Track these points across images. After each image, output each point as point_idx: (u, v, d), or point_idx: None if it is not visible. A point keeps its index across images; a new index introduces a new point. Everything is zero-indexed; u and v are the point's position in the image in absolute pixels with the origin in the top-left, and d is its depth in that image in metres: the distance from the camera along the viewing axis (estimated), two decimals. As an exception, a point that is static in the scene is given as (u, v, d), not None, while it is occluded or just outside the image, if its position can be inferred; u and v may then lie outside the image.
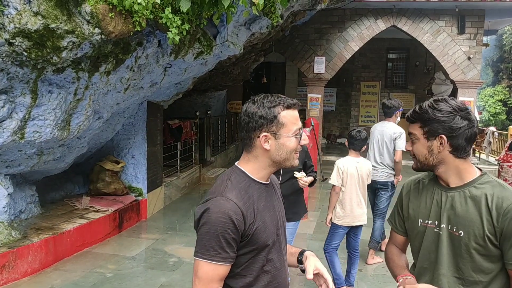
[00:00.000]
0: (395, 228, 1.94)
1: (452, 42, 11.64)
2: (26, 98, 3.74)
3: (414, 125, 1.70)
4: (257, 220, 1.59)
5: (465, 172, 1.68)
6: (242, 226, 1.54)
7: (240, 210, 1.54)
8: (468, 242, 1.61)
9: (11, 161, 4.47)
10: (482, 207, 1.60)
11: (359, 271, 4.80)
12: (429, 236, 1.73)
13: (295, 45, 12.42)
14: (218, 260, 1.52)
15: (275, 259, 1.67)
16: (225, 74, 9.32)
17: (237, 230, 1.53)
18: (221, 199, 1.55)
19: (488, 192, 1.61)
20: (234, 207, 1.53)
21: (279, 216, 1.73)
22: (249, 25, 5.90)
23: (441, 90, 15.01)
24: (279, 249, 1.70)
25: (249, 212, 1.57)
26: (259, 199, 1.63)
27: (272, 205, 1.70)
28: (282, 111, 1.61)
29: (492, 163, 12.25)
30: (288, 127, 1.61)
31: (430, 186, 1.79)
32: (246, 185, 1.62)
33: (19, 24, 3.12)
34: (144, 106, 6.47)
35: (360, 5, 11.40)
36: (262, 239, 1.60)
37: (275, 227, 1.68)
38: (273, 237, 1.65)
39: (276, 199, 1.75)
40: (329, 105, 16.72)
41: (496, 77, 26.73)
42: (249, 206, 1.58)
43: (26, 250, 4.41)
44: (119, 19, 3.50)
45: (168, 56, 4.75)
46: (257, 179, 1.66)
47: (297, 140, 1.63)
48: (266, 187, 1.70)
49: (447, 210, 1.67)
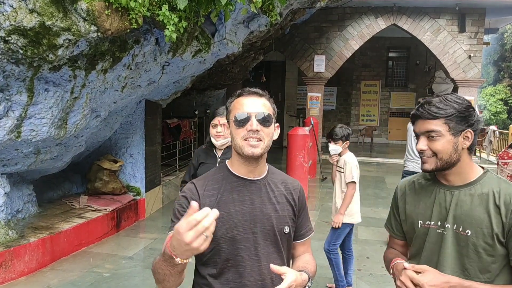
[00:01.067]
0: (393, 233, 1.88)
1: (452, 40, 11.61)
2: (22, 96, 3.70)
3: (436, 121, 1.60)
4: (217, 208, 1.52)
5: (471, 170, 1.66)
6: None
7: (197, 192, 1.64)
8: (476, 241, 1.58)
9: (7, 160, 4.45)
10: (490, 204, 1.58)
11: (358, 270, 4.77)
12: (432, 237, 1.68)
13: (295, 43, 12.38)
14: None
15: (244, 256, 1.61)
16: (224, 72, 9.28)
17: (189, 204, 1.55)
18: (189, 182, 1.71)
19: (495, 189, 1.59)
20: (192, 188, 1.65)
21: (262, 214, 1.64)
22: (247, 23, 5.86)
23: (442, 89, 14.98)
24: (253, 248, 1.63)
25: (208, 199, 1.62)
26: (231, 191, 1.65)
27: (249, 200, 1.64)
28: (235, 99, 1.67)
29: (492, 162, 12.21)
30: (233, 112, 1.65)
31: (428, 186, 1.74)
32: (220, 177, 1.69)
33: (15, 22, 3.09)
34: (142, 105, 6.44)
35: (360, 3, 11.37)
36: (221, 230, 1.57)
37: (250, 223, 1.62)
38: (241, 232, 1.61)
39: (263, 197, 1.67)
40: (329, 104, 16.69)
41: (497, 76, 26.68)
42: (211, 194, 1.64)
43: (23, 250, 4.38)
44: (115, 17, 3.46)
45: (165, 54, 4.72)
46: (235, 173, 1.68)
47: (235, 124, 1.61)
48: (245, 181, 1.67)
49: (452, 210, 1.63)
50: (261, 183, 1.69)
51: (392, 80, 17.05)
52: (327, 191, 8.59)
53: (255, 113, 1.60)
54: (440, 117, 1.60)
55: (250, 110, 1.61)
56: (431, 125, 1.61)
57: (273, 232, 1.67)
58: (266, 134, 1.61)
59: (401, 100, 16.75)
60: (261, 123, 1.60)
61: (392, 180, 9.78)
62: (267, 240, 1.65)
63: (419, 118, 1.64)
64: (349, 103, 17.04)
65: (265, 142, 1.61)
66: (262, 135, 1.60)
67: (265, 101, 1.66)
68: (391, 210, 1.89)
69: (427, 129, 1.62)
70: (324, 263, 4.94)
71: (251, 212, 1.63)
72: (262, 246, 1.64)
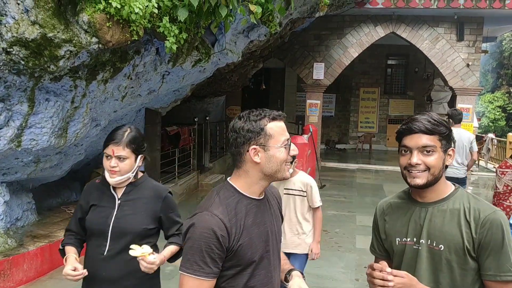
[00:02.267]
0: (376, 254, 1.91)
1: (451, 49, 11.67)
2: (23, 106, 3.73)
3: (433, 137, 1.64)
4: (242, 237, 1.59)
5: (445, 187, 1.72)
6: (226, 242, 1.55)
7: (224, 226, 1.55)
8: (449, 256, 1.62)
9: (7, 168, 4.46)
10: (461, 219, 1.62)
11: (356, 280, 4.78)
12: (408, 253, 1.72)
13: (294, 51, 12.44)
14: (202, 275, 1.53)
15: (262, 274, 1.66)
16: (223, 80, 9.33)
17: (221, 246, 1.54)
18: (207, 214, 1.57)
19: (465, 204, 1.65)
20: (218, 222, 1.54)
21: (271, 232, 1.71)
22: (247, 33, 5.91)
23: (440, 96, 15.05)
24: (267, 265, 1.69)
25: (235, 228, 1.58)
26: (247, 215, 1.63)
27: (262, 221, 1.68)
28: (268, 123, 1.62)
29: (490, 170, 12.25)
30: (276, 138, 1.62)
31: (403, 205, 1.78)
32: (235, 201, 1.63)
33: (17, 33, 3.12)
34: (142, 113, 6.46)
35: (359, 11, 11.43)
36: (247, 256, 1.60)
37: (264, 243, 1.67)
38: (260, 253, 1.65)
39: (269, 215, 1.73)
40: (328, 111, 16.73)
41: (496, 83, 26.79)
42: (235, 222, 1.58)
43: (22, 259, 4.38)
44: (116, 28, 3.50)
45: (166, 64, 4.75)
46: (247, 195, 1.66)
47: (287, 150, 1.63)
48: (257, 202, 1.68)
49: (426, 226, 1.67)
50: (265, 201, 1.74)
51: (391, 87, 17.11)
52: (325, 199, 8.59)
53: (289, 137, 1.68)
54: (436, 134, 1.65)
55: (288, 135, 1.68)
56: (428, 140, 1.64)
57: (278, 245, 1.76)
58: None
59: (399, 107, 16.81)
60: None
61: (390, 188, 9.79)
62: (275, 254, 1.74)
63: (415, 132, 1.66)
64: (348, 110, 17.08)
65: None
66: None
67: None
68: (373, 232, 1.92)
69: (424, 144, 1.64)
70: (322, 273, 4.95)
71: (265, 232, 1.68)
72: (272, 261, 1.71)
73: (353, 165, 12.96)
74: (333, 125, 17.09)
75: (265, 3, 4.48)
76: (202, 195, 8.80)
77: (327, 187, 9.67)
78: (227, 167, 11.94)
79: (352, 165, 13.03)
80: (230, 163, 12.57)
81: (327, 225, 6.81)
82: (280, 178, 1.67)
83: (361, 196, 9.02)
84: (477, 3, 10.74)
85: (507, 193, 6.26)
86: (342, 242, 6.00)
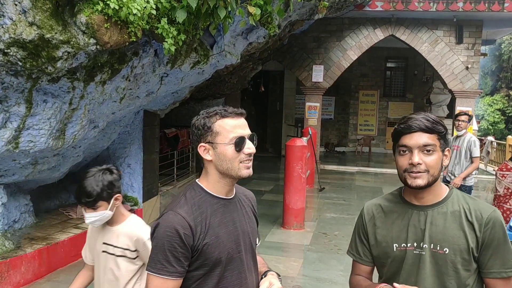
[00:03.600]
0: (360, 259, 1.83)
1: (450, 52, 11.68)
2: (20, 107, 3.71)
3: (433, 136, 1.61)
4: (208, 236, 1.58)
5: (440, 189, 1.69)
6: (190, 240, 1.55)
7: (188, 225, 1.55)
8: (454, 258, 1.60)
9: (5, 170, 4.44)
10: (463, 221, 1.61)
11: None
12: (409, 259, 1.66)
13: (293, 53, 12.45)
14: (165, 274, 1.54)
15: (234, 275, 1.64)
16: (222, 82, 9.32)
17: (184, 245, 1.54)
18: (171, 213, 1.57)
19: (464, 206, 1.63)
20: (182, 221, 1.55)
21: (242, 231, 1.69)
22: (246, 35, 5.90)
23: (440, 99, 15.06)
24: (239, 265, 1.66)
25: (200, 227, 1.57)
26: (214, 214, 1.62)
27: (231, 220, 1.66)
28: (217, 120, 1.61)
29: (490, 173, 12.24)
30: (224, 135, 1.60)
31: (397, 208, 1.73)
32: (200, 200, 1.63)
33: (14, 34, 3.10)
34: (140, 115, 6.45)
35: (358, 14, 11.44)
36: (214, 255, 1.58)
37: (235, 243, 1.65)
38: (229, 253, 1.62)
39: (240, 215, 1.71)
40: (328, 113, 16.72)
41: (495, 86, 26.82)
42: (200, 221, 1.58)
43: (19, 261, 4.36)
44: (114, 30, 3.48)
45: (164, 65, 4.74)
46: (214, 194, 1.66)
47: (236, 148, 1.59)
48: (225, 201, 1.67)
49: (428, 230, 1.63)
50: (235, 200, 1.72)
51: (390, 90, 17.11)
52: (325, 202, 8.60)
53: (247, 135, 1.63)
54: (435, 133, 1.62)
55: (243, 132, 1.62)
56: (428, 138, 1.60)
57: (251, 246, 1.74)
58: (254, 154, 1.66)
59: (399, 110, 16.80)
60: (253, 144, 1.65)
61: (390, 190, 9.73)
62: (248, 255, 1.71)
63: (415, 130, 1.61)
64: (347, 112, 17.07)
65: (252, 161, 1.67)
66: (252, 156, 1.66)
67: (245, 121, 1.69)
68: (357, 235, 1.85)
69: (425, 143, 1.59)
70: (321, 276, 4.94)
71: (235, 231, 1.66)
72: (246, 262, 1.69)
73: (353, 168, 12.95)
74: (332, 128, 17.08)
75: (264, 5, 4.47)
76: (201, 197, 8.76)
77: (326, 190, 9.66)
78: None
79: (352, 168, 13.01)
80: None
81: (327, 228, 6.79)
82: (236, 177, 1.64)
83: (360, 199, 9.00)
84: (476, 6, 10.75)
85: (507, 195, 6.24)
86: (341, 244, 5.98)
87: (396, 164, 1.69)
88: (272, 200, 8.62)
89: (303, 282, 4.73)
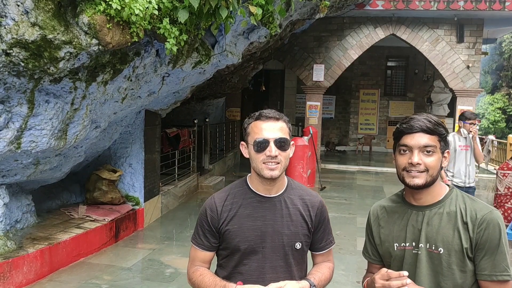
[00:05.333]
0: (371, 259, 1.88)
1: (451, 50, 11.67)
2: (22, 108, 3.71)
3: (434, 137, 1.63)
4: (231, 223, 1.76)
5: (440, 189, 1.70)
6: (215, 223, 1.78)
7: (216, 208, 1.79)
8: (448, 258, 1.61)
9: (7, 170, 4.44)
10: (458, 221, 1.61)
11: (357, 283, 4.76)
12: (408, 258, 1.70)
13: (294, 52, 12.44)
14: (195, 244, 1.85)
15: (252, 266, 1.76)
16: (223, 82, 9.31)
17: (209, 225, 1.79)
18: (211, 196, 1.86)
19: (461, 206, 1.64)
20: (212, 205, 1.80)
21: (273, 230, 1.76)
22: (247, 34, 5.89)
23: (440, 98, 15.05)
24: (261, 260, 1.76)
25: (226, 213, 1.77)
26: (245, 206, 1.77)
27: (262, 216, 1.76)
28: (253, 122, 1.76)
29: (491, 172, 12.23)
30: (252, 136, 1.74)
31: (399, 209, 1.76)
32: (239, 192, 1.81)
33: (17, 35, 3.10)
34: (141, 114, 6.45)
35: (359, 13, 11.43)
36: (234, 242, 1.76)
37: (259, 237, 1.75)
38: (251, 245, 1.75)
39: (277, 215, 1.77)
40: (328, 112, 16.73)
41: (495, 85, 26.79)
42: (229, 208, 1.78)
43: (22, 261, 4.37)
44: (116, 30, 3.48)
45: (166, 65, 4.74)
46: (254, 189, 1.80)
47: (257, 149, 1.70)
48: (262, 198, 1.78)
49: (424, 229, 1.65)
50: (276, 200, 1.79)
51: (391, 89, 17.11)
52: (326, 201, 8.54)
53: (273, 138, 1.70)
54: (436, 134, 1.64)
55: (269, 135, 1.70)
56: (429, 139, 1.62)
57: (283, 247, 1.78)
58: (283, 157, 1.72)
59: (399, 109, 16.80)
60: (279, 147, 1.70)
61: (391, 190, 9.77)
62: (275, 254, 1.77)
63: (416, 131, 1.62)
64: (347, 111, 17.07)
65: (282, 164, 1.73)
66: (280, 159, 1.71)
67: (282, 124, 1.75)
68: (366, 236, 1.90)
69: (426, 143, 1.62)
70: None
71: (262, 227, 1.76)
72: (270, 259, 1.76)
73: (353, 167, 12.95)
74: (333, 127, 17.08)
75: (266, 4, 4.47)
76: (202, 197, 8.78)
77: (327, 189, 9.66)
78: (227, 169, 11.92)
79: (352, 167, 13.01)
80: (230, 165, 12.56)
81: (328, 227, 6.79)
82: (261, 176, 1.73)
83: (361, 198, 9.00)
84: (477, 5, 10.74)
85: (508, 195, 6.24)
86: (342, 244, 5.98)
87: (395, 162, 1.72)
88: (273, 200, 8.61)
89: (305, 282, 4.73)
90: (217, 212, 1.77)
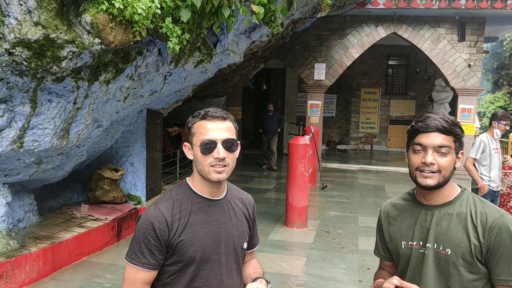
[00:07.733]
0: (381, 256, 1.90)
1: (452, 49, 11.66)
2: (25, 107, 3.72)
3: (449, 137, 1.60)
4: (184, 233, 1.60)
5: (452, 189, 1.68)
6: (165, 235, 1.59)
7: (165, 220, 1.59)
8: (455, 260, 1.59)
9: (9, 170, 4.45)
10: (468, 223, 1.59)
11: (359, 281, 4.76)
12: (415, 257, 1.69)
13: (295, 51, 12.43)
14: (137, 264, 1.59)
15: (209, 276, 1.65)
16: (225, 81, 9.32)
17: (158, 238, 1.58)
18: (152, 207, 1.64)
19: (472, 208, 1.61)
20: (159, 216, 1.59)
21: (226, 234, 1.69)
22: (249, 33, 5.89)
23: (441, 97, 15.02)
24: (217, 267, 1.66)
25: (177, 223, 1.60)
26: (195, 213, 1.64)
27: (215, 221, 1.67)
28: (198, 121, 1.64)
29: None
30: (197, 136, 1.63)
31: (409, 207, 1.75)
32: (184, 198, 1.66)
33: (19, 34, 3.11)
34: (143, 114, 6.45)
35: (360, 12, 11.42)
36: (189, 253, 1.61)
37: (214, 244, 1.65)
38: (206, 253, 1.63)
39: (226, 217, 1.71)
40: (329, 111, 16.70)
41: (496, 83, 26.76)
42: (178, 218, 1.61)
43: (24, 260, 4.37)
44: (119, 29, 3.49)
45: (168, 64, 4.74)
46: (199, 193, 1.68)
47: (203, 150, 1.59)
48: (209, 202, 1.68)
49: (433, 229, 1.64)
50: (223, 203, 1.72)
51: (392, 87, 17.09)
52: (327, 200, 8.60)
53: (221, 139, 1.60)
54: (452, 134, 1.61)
55: (216, 136, 1.60)
56: (444, 140, 1.59)
57: (235, 250, 1.73)
58: (231, 159, 1.63)
59: (400, 107, 16.79)
60: (227, 149, 1.61)
61: (392, 189, 9.78)
62: (230, 258, 1.71)
63: (432, 130, 1.59)
64: (349, 110, 17.06)
65: (229, 167, 1.64)
66: (227, 161, 1.62)
67: (229, 124, 1.66)
68: (377, 233, 1.90)
69: (441, 143, 1.59)
70: (325, 274, 4.94)
71: (216, 232, 1.67)
72: (225, 264, 1.69)
73: (354, 166, 12.95)
74: (334, 126, 17.07)
75: (268, 3, 4.46)
76: (204, 196, 8.77)
77: (328, 188, 9.66)
78: (228, 168, 11.90)
79: (353, 166, 13.01)
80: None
81: (329, 226, 6.80)
82: (208, 180, 1.63)
83: (362, 197, 9.01)
84: (479, 4, 10.73)
85: (510, 194, 6.24)
86: (344, 243, 5.99)
87: (408, 161, 1.69)
88: (274, 199, 8.63)
89: (306, 281, 4.74)
90: (166, 223, 1.58)
